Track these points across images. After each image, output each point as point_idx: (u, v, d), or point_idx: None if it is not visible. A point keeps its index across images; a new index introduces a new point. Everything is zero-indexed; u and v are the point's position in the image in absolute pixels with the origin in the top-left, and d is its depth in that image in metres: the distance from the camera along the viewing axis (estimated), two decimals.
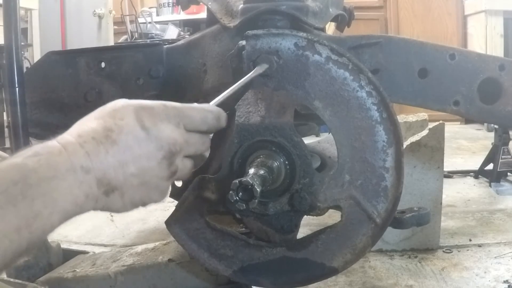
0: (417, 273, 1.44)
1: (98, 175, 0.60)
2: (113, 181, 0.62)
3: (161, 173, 0.66)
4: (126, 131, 0.64)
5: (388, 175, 0.92)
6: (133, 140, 0.64)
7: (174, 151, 0.67)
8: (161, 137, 0.66)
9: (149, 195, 0.67)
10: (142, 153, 0.64)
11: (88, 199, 0.60)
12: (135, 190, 0.65)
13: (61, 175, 0.57)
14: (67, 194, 0.58)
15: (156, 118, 0.67)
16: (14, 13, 1.27)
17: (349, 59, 0.91)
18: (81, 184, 0.59)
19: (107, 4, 4.08)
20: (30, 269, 1.33)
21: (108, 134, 0.63)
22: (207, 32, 1.21)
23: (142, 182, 0.65)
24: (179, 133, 0.68)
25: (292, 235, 0.97)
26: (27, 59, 3.33)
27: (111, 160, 0.61)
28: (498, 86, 1.13)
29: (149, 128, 0.65)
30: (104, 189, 0.61)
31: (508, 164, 2.29)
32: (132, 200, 0.66)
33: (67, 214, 0.58)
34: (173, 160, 0.67)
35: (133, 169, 0.63)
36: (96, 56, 1.26)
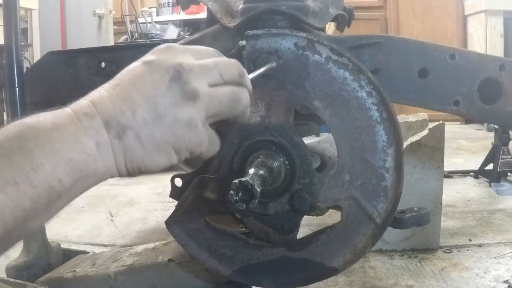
0: (417, 273, 1.44)
1: (104, 118, 0.54)
2: (121, 119, 0.55)
3: (174, 99, 0.57)
4: (128, 71, 0.60)
5: (388, 175, 0.92)
6: (135, 76, 0.58)
7: (182, 71, 0.59)
8: (165, 64, 0.59)
9: (174, 131, 0.57)
10: (146, 84, 0.57)
11: (100, 148, 0.54)
12: (152, 127, 0.56)
13: (63, 126, 0.52)
14: (72, 142, 0.52)
15: (158, 52, 0.61)
16: (14, 13, 1.27)
17: (349, 59, 0.91)
18: (87, 131, 0.53)
19: (107, 4, 4.08)
20: (30, 269, 1.33)
21: (112, 82, 0.59)
22: (207, 32, 1.21)
23: (156, 115, 0.56)
24: (186, 58, 0.61)
25: (292, 235, 0.97)
26: (27, 59, 3.33)
27: (115, 100, 0.56)
28: (498, 86, 1.13)
29: (151, 60, 0.60)
30: (115, 131, 0.55)
31: (508, 164, 2.29)
32: (153, 141, 0.56)
33: (78, 167, 0.52)
34: (186, 81, 0.58)
35: (141, 102, 0.56)
36: (96, 56, 1.26)
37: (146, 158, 0.57)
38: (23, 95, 1.25)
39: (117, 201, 2.45)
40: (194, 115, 0.59)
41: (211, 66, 0.63)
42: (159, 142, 0.57)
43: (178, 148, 0.59)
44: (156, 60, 0.59)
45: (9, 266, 1.34)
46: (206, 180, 0.98)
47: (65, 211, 1.78)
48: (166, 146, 0.57)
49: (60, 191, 0.50)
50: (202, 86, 0.60)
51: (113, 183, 2.85)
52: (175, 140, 0.58)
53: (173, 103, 0.57)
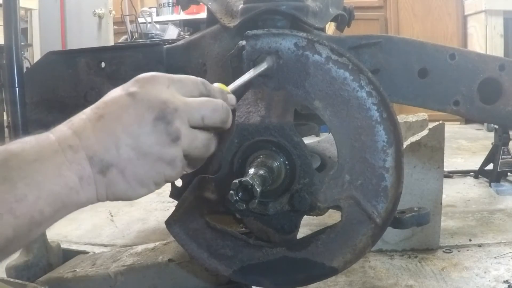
0: (417, 273, 1.44)
1: (88, 153, 0.55)
2: (105, 156, 0.56)
3: (159, 138, 0.58)
4: (111, 102, 0.59)
5: (388, 175, 0.92)
6: (120, 109, 0.58)
7: (167, 111, 0.59)
8: (149, 98, 0.59)
9: (156, 169, 0.59)
10: (131, 119, 0.57)
11: (83, 182, 0.54)
12: (136, 164, 0.57)
13: (46, 157, 0.52)
14: (55, 175, 0.52)
15: (142, 83, 0.61)
16: (14, 13, 1.27)
17: (349, 59, 0.91)
18: (71, 165, 0.53)
19: (107, 4, 4.08)
20: (30, 269, 1.33)
21: (95, 111, 0.58)
22: (207, 32, 1.21)
23: (141, 153, 0.57)
24: (170, 94, 0.61)
25: (292, 235, 0.97)
26: (27, 59, 3.33)
27: (100, 134, 0.56)
28: (498, 86, 1.13)
29: (135, 92, 0.59)
30: (98, 167, 0.55)
31: (508, 164, 2.29)
32: (136, 177, 0.58)
33: (59, 199, 0.53)
34: (170, 121, 0.59)
35: (126, 139, 0.56)
36: (96, 56, 1.26)
37: (129, 191, 0.59)
38: (23, 95, 1.25)
39: (117, 201, 2.45)
40: (175, 154, 0.61)
41: (195, 108, 0.63)
42: (142, 178, 0.59)
43: (159, 182, 0.61)
44: (140, 93, 0.59)
45: (9, 266, 1.34)
46: (206, 180, 0.98)
47: None
48: (148, 180, 0.60)
49: (41, 221, 0.52)
50: (184, 128, 0.61)
51: None
52: (157, 176, 0.60)
53: (157, 142, 0.58)
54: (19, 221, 0.49)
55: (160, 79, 0.62)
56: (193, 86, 0.66)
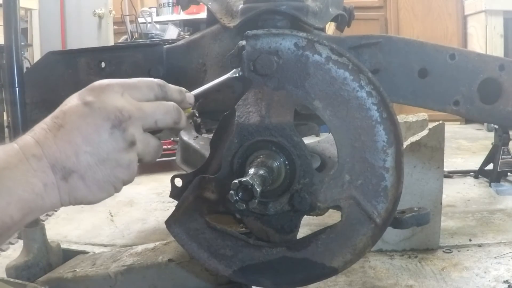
0: (417, 273, 1.44)
1: (50, 161, 0.59)
2: (67, 163, 0.60)
3: (116, 144, 0.63)
4: (70, 113, 0.63)
5: (388, 175, 0.92)
6: (78, 119, 0.62)
7: (122, 118, 0.63)
8: (105, 107, 0.63)
9: (113, 173, 0.63)
10: (89, 128, 0.61)
11: (47, 188, 0.59)
12: (95, 170, 0.62)
13: (14, 165, 0.57)
14: (23, 182, 0.56)
15: (97, 92, 0.64)
16: (14, 13, 1.27)
17: (349, 59, 0.91)
18: (36, 172, 0.58)
19: (107, 4, 4.07)
20: (30, 269, 1.33)
21: (55, 121, 0.62)
22: (207, 32, 1.21)
23: (99, 160, 0.62)
24: (125, 101, 0.65)
25: (292, 235, 0.97)
26: (27, 59, 3.33)
27: (61, 143, 0.60)
28: (498, 86, 1.13)
29: (92, 102, 0.63)
30: (61, 174, 0.60)
31: (508, 164, 2.30)
32: (96, 182, 0.62)
33: (27, 204, 0.57)
34: (126, 128, 0.63)
35: (85, 146, 0.61)
36: (96, 56, 1.26)
37: (90, 195, 0.63)
38: (23, 95, 1.25)
39: (117, 201, 2.45)
40: (131, 159, 0.65)
41: (148, 113, 0.67)
42: (102, 182, 0.63)
43: (117, 185, 0.65)
44: (96, 103, 0.63)
45: (9, 266, 1.34)
46: (206, 180, 0.98)
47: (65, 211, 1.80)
48: (107, 185, 0.63)
49: (11, 225, 0.55)
50: (138, 132, 0.65)
51: None
52: (115, 180, 0.64)
53: (115, 149, 0.63)
54: None
55: (114, 87, 0.66)
56: (147, 89, 0.70)
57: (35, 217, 0.60)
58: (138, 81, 0.70)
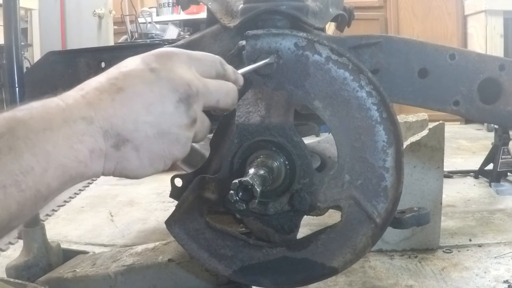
0: (417, 273, 1.44)
1: (104, 125, 0.52)
2: (123, 131, 0.53)
3: (180, 119, 0.57)
4: (132, 76, 0.56)
5: (388, 175, 0.92)
6: (142, 84, 0.56)
7: (190, 93, 0.58)
8: (174, 78, 0.58)
9: (170, 149, 0.58)
10: (154, 97, 0.55)
11: (94, 155, 0.52)
12: (152, 143, 0.56)
13: (56, 127, 0.49)
14: (65, 148, 0.49)
15: (164, 59, 0.59)
16: (14, 13, 1.27)
17: (349, 59, 0.91)
18: (83, 137, 0.51)
19: (107, 4, 4.08)
20: (30, 269, 1.33)
21: (113, 82, 0.56)
22: (207, 32, 1.21)
23: (159, 132, 0.56)
24: (193, 75, 0.60)
25: (292, 235, 0.97)
26: (27, 59, 3.33)
27: (119, 108, 0.53)
28: (498, 86, 1.13)
29: (159, 69, 0.57)
30: (113, 141, 0.53)
31: (508, 164, 2.29)
32: (150, 156, 0.56)
33: (67, 172, 0.50)
34: (191, 104, 0.58)
35: (146, 116, 0.55)
36: (96, 56, 1.26)
37: (139, 169, 0.57)
38: (23, 95, 1.25)
39: (117, 201, 2.45)
40: (189, 136, 0.61)
41: (212, 91, 0.63)
42: (155, 156, 0.57)
43: (167, 162, 0.60)
44: (164, 71, 0.58)
45: (9, 266, 1.34)
46: (206, 180, 0.98)
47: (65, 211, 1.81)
48: (159, 160, 0.58)
49: (47, 195, 0.49)
50: (199, 111, 0.61)
51: (113, 183, 2.85)
52: (169, 156, 0.59)
53: (177, 123, 0.58)
54: (25, 195, 0.46)
55: (181, 57, 0.61)
56: (211, 65, 0.66)
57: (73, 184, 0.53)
58: (202, 55, 0.66)
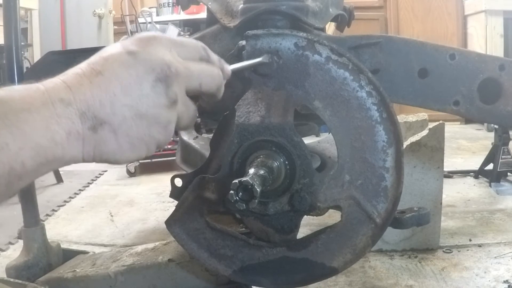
0: (417, 273, 1.44)
1: (80, 107, 0.52)
2: (99, 113, 0.53)
3: (157, 100, 0.57)
4: (111, 60, 0.56)
5: (388, 175, 0.92)
6: (120, 67, 0.56)
7: (168, 73, 0.57)
8: (151, 59, 0.57)
9: (150, 131, 0.57)
10: (131, 78, 0.55)
11: (71, 137, 0.52)
12: (130, 124, 0.55)
13: (35, 108, 0.50)
14: (42, 128, 0.49)
15: (144, 42, 0.59)
16: (14, 13, 1.27)
17: (349, 59, 0.91)
18: (60, 118, 0.51)
19: (107, 4, 4.08)
20: (30, 269, 1.33)
21: (92, 66, 0.56)
22: (207, 32, 1.21)
23: (137, 114, 0.55)
24: (172, 56, 0.60)
25: (292, 235, 0.97)
26: (27, 59, 3.33)
27: (96, 91, 0.53)
28: (498, 86, 1.13)
29: (137, 51, 0.57)
30: (90, 123, 0.53)
31: (508, 164, 2.30)
32: (129, 138, 0.56)
33: (43, 153, 0.50)
34: (170, 84, 0.58)
35: (123, 98, 0.54)
36: None
37: (118, 153, 0.56)
38: None
39: (117, 201, 2.46)
40: (171, 119, 0.59)
41: (195, 74, 0.62)
42: (134, 139, 0.56)
43: (150, 146, 0.59)
44: (142, 53, 0.57)
45: (9, 266, 1.34)
46: (206, 180, 0.98)
47: (65, 211, 1.80)
48: (140, 143, 0.57)
49: (21, 173, 0.49)
50: (181, 92, 0.60)
51: (113, 183, 2.85)
52: (149, 140, 0.58)
53: (155, 104, 0.57)
54: None
55: (162, 40, 0.61)
56: (194, 50, 0.66)
57: (52, 169, 0.53)
58: (185, 39, 0.65)
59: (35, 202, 1.38)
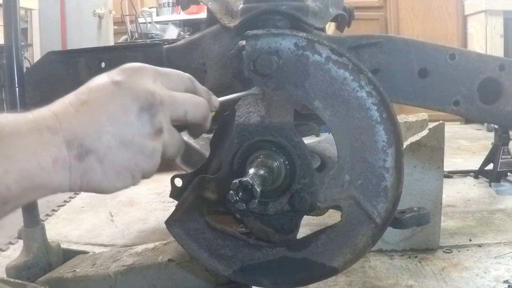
0: (417, 273, 1.44)
1: (67, 136, 0.53)
2: (85, 141, 0.54)
3: (142, 128, 0.57)
4: (96, 90, 0.57)
5: (388, 175, 0.92)
6: (105, 96, 0.57)
7: (153, 102, 0.58)
8: (136, 88, 0.58)
9: (135, 160, 0.57)
10: (116, 107, 0.56)
11: (57, 165, 0.52)
12: (115, 153, 0.56)
13: (22, 134, 0.50)
14: (29, 153, 0.50)
15: (129, 72, 0.60)
16: (14, 13, 1.27)
17: (349, 59, 0.91)
18: (47, 146, 0.52)
19: (107, 4, 4.08)
20: (30, 269, 1.33)
21: (79, 96, 0.57)
22: (207, 32, 1.21)
23: (122, 142, 0.56)
24: (156, 86, 0.61)
25: (292, 235, 0.97)
26: (27, 59, 3.33)
27: (82, 119, 0.54)
28: (498, 86, 1.13)
29: (122, 81, 0.58)
30: (76, 152, 0.53)
31: (508, 164, 2.29)
32: (114, 167, 0.56)
33: (30, 178, 0.50)
34: (155, 113, 0.58)
35: (109, 126, 0.55)
36: (96, 56, 1.26)
37: (104, 182, 0.56)
38: (23, 95, 1.25)
39: (117, 201, 2.45)
40: (156, 148, 0.60)
41: (179, 103, 0.63)
42: (120, 168, 0.57)
43: (136, 175, 0.59)
44: (127, 83, 0.58)
45: (9, 266, 1.34)
46: (206, 180, 0.98)
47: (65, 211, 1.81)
48: (126, 172, 0.58)
49: (7, 197, 0.49)
50: (166, 121, 0.61)
51: None
52: (135, 169, 0.58)
53: (140, 133, 0.57)
54: None
55: (147, 70, 0.62)
56: (179, 80, 0.67)
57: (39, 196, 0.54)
58: (170, 70, 0.66)
59: (35, 202, 1.38)
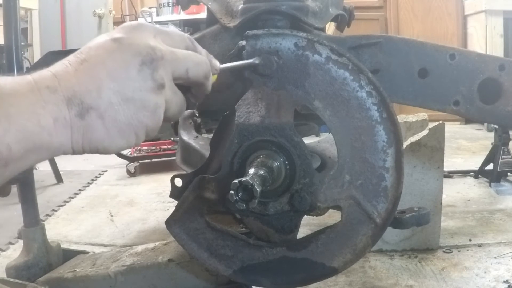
0: (417, 273, 1.44)
1: (67, 94, 0.52)
2: (86, 98, 0.53)
3: (144, 83, 0.56)
4: (96, 47, 0.57)
5: (388, 175, 0.92)
6: (105, 53, 0.56)
7: (154, 56, 0.57)
8: (137, 43, 0.57)
9: (137, 116, 0.56)
10: (116, 63, 0.55)
11: (58, 123, 0.51)
12: (117, 109, 0.54)
13: (21, 94, 0.50)
14: (28, 112, 0.49)
15: (129, 29, 0.59)
16: (14, 13, 1.27)
17: (349, 59, 0.91)
18: (47, 104, 0.51)
19: (107, 4, 4.08)
20: (30, 269, 1.33)
21: (78, 55, 0.56)
22: (207, 32, 1.21)
23: (124, 98, 0.55)
24: (158, 42, 0.60)
25: (292, 235, 0.97)
26: (27, 59, 3.34)
27: (82, 77, 0.53)
28: (498, 86, 1.13)
29: (122, 38, 0.57)
30: (77, 109, 0.52)
31: (508, 164, 2.30)
32: (117, 124, 0.55)
33: (30, 137, 0.49)
34: (156, 67, 0.57)
35: (109, 82, 0.54)
36: None
37: (107, 140, 0.55)
38: None
39: (117, 201, 2.46)
40: (159, 103, 0.58)
41: (181, 59, 0.62)
42: (122, 125, 0.55)
43: (139, 133, 0.58)
44: (127, 39, 0.57)
45: (9, 266, 1.34)
46: (206, 180, 0.98)
47: (65, 211, 1.81)
48: (129, 129, 0.56)
49: (8, 158, 0.48)
50: (168, 78, 0.59)
51: (113, 183, 2.85)
52: (138, 125, 0.57)
53: (142, 87, 0.56)
54: None
55: (147, 27, 0.61)
56: (180, 38, 0.65)
57: (40, 158, 0.52)
58: (171, 30, 0.65)
59: (35, 202, 1.38)
